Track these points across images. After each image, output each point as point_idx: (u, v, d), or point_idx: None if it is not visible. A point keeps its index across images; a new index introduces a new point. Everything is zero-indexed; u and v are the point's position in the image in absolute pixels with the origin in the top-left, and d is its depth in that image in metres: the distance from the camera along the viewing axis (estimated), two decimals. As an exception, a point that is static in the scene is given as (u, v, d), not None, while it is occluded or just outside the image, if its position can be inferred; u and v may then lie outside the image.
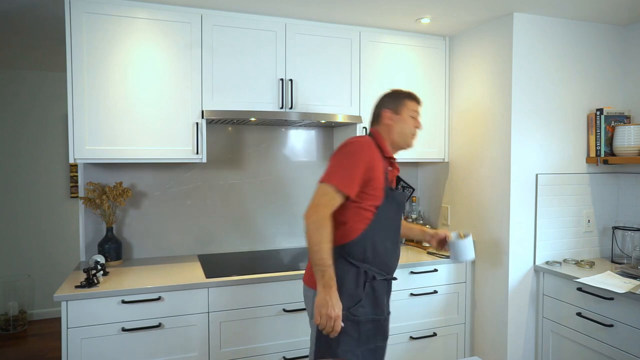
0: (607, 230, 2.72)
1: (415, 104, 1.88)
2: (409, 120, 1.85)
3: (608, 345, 2.16)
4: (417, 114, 1.88)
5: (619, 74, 2.73)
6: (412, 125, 1.86)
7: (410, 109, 1.86)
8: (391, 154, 1.84)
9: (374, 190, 1.71)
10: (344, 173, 1.66)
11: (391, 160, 1.85)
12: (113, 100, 2.28)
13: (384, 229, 1.76)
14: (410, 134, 1.86)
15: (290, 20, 2.56)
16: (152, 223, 2.70)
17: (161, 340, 2.14)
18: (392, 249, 1.79)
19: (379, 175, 1.72)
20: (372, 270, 1.73)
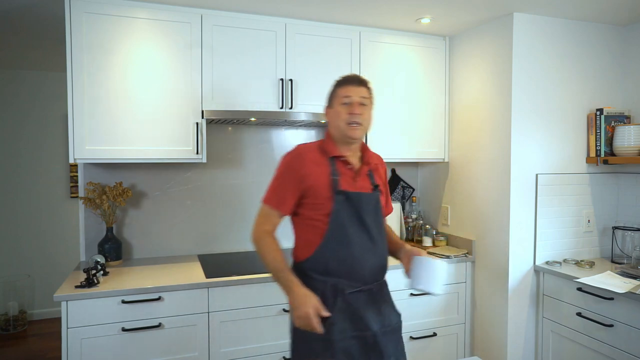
0: (607, 230, 2.72)
1: (347, 88, 1.63)
2: (341, 109, 1.62)
3: (608, 345, 2.16)
4: (350, 98, 1.61)
5: (619, 74, 2.73)
6: (345, 114, 1.61)
7: (341, 96, 1.64)
8: (338, 152, 1.64)
9: (316, 199, 1.59)
10: (275, 191, 1.63)
11: (342, 159, 1.65)
12: (113, 100, 2.28)
13: (346, 237, 1.58)
14: (345, 124, 1.61)
15: (290, 20, 2.56)
16: (152, 223, 2.70)
17: (161, 340, 2.14)
18: (362, 256, 1.60)
19: (318, 182, 1.59)
20: (341, 283, 1.57)
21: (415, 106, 2.87)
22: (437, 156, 2.96)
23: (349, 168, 1.65)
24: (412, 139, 2.87)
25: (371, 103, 1.68)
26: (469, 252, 2.77)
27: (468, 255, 2.76)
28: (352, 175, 1.65)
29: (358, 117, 1.61)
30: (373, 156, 1.77)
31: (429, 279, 1.56)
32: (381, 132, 2.77)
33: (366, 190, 1.65)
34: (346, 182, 1.62)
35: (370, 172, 1.71)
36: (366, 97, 1.64)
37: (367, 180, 1.68)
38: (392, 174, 3.24)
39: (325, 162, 1.63)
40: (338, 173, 1.63)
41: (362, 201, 1.62)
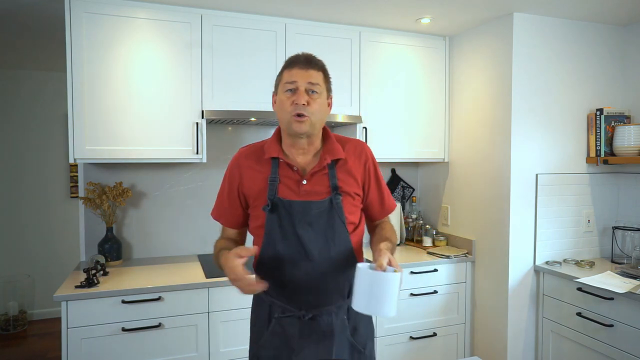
0: (607, 230, 2.72)
1: (291, 72, 1.33)
2: (284, 97, 1.33)
3: (608, 345, 2.16)
4: (295, 84, 1.31)
5: (619, 74, 2.73)
6: (288, 104, 1.31)
7: (285, 81, 1.33)
8: (276, 152, 1.38)
9: (253, 209, 1.40)
10: (217, 201, 1.49)
11: (282, 160, 1.38)
12: (113, 100, 2.28)
13: (275, 253, 1.35)
14: (288, 114, 1.31)
15: (290, 20, 2.56)
16: (152, 223, 2.70)
17: (161, 340, 2.14)
18: (295, 277, 1.34)
19: (254, 190, 1.38)
20: (276, 305, 1.38)
21: (415, 106, 2.87)
22: (437, 156, 2.96)
23: (294, 170, 1.37)
24: (412, 139, 2.87)
25: (325, 90, 1.37)
26: (469, 252, 2.77)
27: (468, 255, 2.76)
28: (296, 179, 1.36)
29: (303, 107, 1.30)
30: (337, 148, 1.40)
31: (373, 297, 1.12)
32: (381, 132, 2.77)
33: (315, 196, 1.35)
34: (287, 187, 1.35)
35: (332, 170, 1.37)
36: (316, 82, 1.32)
37: (322, 181, 1.36)
38: (392, 174, 3.24)
39: (265, 165, 1.39)
40: (278, 177, 1.36)
41: (302, 211, 1.33)
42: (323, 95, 1.36)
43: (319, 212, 1.34)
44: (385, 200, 1.50)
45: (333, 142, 1.41)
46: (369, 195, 1.45)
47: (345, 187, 1.38)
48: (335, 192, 1.35)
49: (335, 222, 1.35)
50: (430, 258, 2.70)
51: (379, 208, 1.49)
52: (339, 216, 1.35)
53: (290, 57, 1.38)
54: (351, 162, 1.41)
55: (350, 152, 1.43)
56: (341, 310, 1.39)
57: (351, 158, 1.42)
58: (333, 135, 1.45)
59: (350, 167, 1.40)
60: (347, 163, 1.40)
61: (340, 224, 1.35)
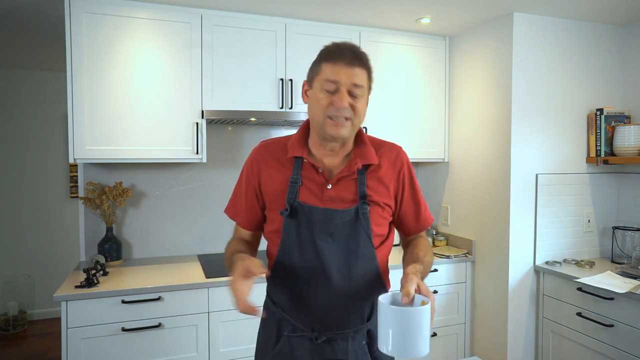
0: (607, 230, 2.72)
1: (335, 67, 1.14)
2: (322, 95, 1.15)
3: (608, 345, 2.16)
4: (337, 84, 1.13)
5: (619, 74, 2.73)
6: (326, 103, 1.14)
7: (325, 77, 1.15)
8: (301, 151, 1.23)
9: (269, 211, 1.26)
10: (232, 198, 1.36)
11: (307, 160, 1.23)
12: (113, 100, 2.28)
13: (290, 266, 1.21)
14: (324, 116, 1.15)
15: (290, 20, 2.56)
16: (152, 223, 2.70)
17: (161, 340, 2.13)
18: (310, 295, 1.19)
19: (273, 190, 1.24)
20: (285, 321, 1.25)
21: (416, 106, 2.87)
22: (437, 156, 2.96)
23: (319, 172, 1.22)
24: (412, 139, 2.87)
25: (368, 90, 1.20)
26: (469, 252, 2.77)
27: (468, 255, 2.76)
28: (321, 182, 1.21)
29: (346, 110, 1.14)
30: (370, 152, 1.24)
31: (399, 337, 0.97)
32: (381, 132, 2.77)
33: (340, 203, 1.19)
34: (309, 191, 1.20)
35: (361, 176, 1.21)
36: (361, 84, 1.15)
37: (349, 187, 1.21)
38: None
39: (287, 164, 1.24)
40: (300, 179, 1.21)
41: (324, 219, 1.18)
42: (366, 95, 1.19)
43: (342, 222, 1.18)
44: (422, 214, 1.32)
45: (367, 145, 1.25)
46: (402, 207, 1.29)
47: (375, 196, 1.21)
48: (362, 201, 1.19)
49: (360, 235, 1.19)
50: (430, 258, 2.70)
51: (413, 222, 1.32)
52: (364, 229, 1.19)
53: (333, 48, 1.17)
54: (384, 168, 1.25)
55: (384, 157, 1.26)
56: (359, 334, 1.23)
57: (385, 164, 1.25)
58: (367, 136, 1.29)
59: (382, 174, 1.24)
60: (379, 169, 1.24)
61: (366, 238, 1.19)
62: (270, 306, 1.31)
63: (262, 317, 1.29)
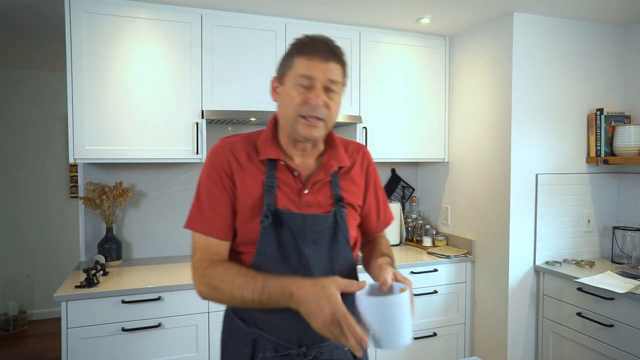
0: (607, 230, 2.72)
1: (309, 62, 1.06)
2: (294, 92, 1.08)
3: (608, 345, 2.16)
4: (312, 80, 1.06)
5: (619, 74, 2.73)
6: (299, 101, 1.07)
7: (298, 72, 1.07)
8: (276, 153, 1.13)
9: (243, 221, 1.11)
10: (199, 209, 1.13)
11: (283, 162, 1.14)
12: (113, 100, 2.28)
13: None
14: (297, 115, 1.07)
15: (290, 20, 2.56)
16: (152, 223, 2.70)
17: (161, 340, 2.13)
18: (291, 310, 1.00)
19: (245, 194, 1.11)
20: (263, 340, 1.12)
21: (416, 106, 2.87)
22: (437, 156, 2.96)
23: (295, 176, 1.14)
24: (412, 139, 2.87)
25: (343, 86, 1.12)
26: (469, 252, 2.77)
27: (468, 255, 2.76)
28: (297, 188, 1.14)
29: (320, 109, 1.06)
30: (342, 153, 1.20)
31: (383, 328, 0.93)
32: (381, 132, 2.77)
33: (318, 208, 1.13)
34: (286, 196, 1.12)
35: (335, 178, 1.17)
36: (337, 80, 1.08)
37: (325, 191, 1.16)
38: (392, 174, 3.24)
39: (259, 166, 1.13)
40: (275, 183, 1.12)
41: (308, 226, 1.11)
42: (340, 92, 1.12)
43: (324, 227, 1.13)
44: (384, 212, 1.30)
45: (338, 145, 1.20)
46: (366, 205, 1.25)
47: (350, 199, 1.18)
48: (339, 205, 1.15)
49: (339, 240, 1.15)
50: (430, 258, 2.70)
51: (375, 221, 1.29)
52: (342, 232, 1.15)
53: (306, 40, 1.09)
54: (355, 169, 1.22)
55: (352, 156, 1.23)
56: (342, 350, 1.17)
57: (354, 164, 1.22)
58: (336, 136, 1.23)
59: (353, 174, 1.21)
60: (351, 170, 1.21)
61: (344, 241, 1.15)
62: (239, 326, 1.16)
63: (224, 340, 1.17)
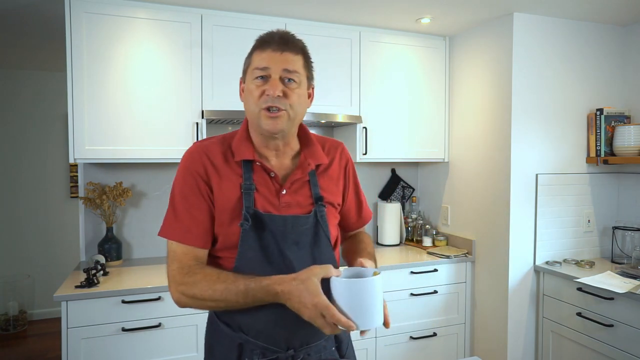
0: (607, 230, 2.72)
1: (263, 54, 1.08)
2: (252, 86, 1.09)
3: (608, 345, 2.16)
4: (267, 70, 1.07)
5: (619, 74, 2.73)
6: (256, 95, 1.07)
7: (254, 65, 1.09)
8: (251, 153, 1.12)
9: (222, 225, 1.10)
10: (174, 216, 1.11)
11: (259, 163, 1.12)
12: (113, 100, 2.28)
13: None
14: (257, 107, 1.07)
15: (290, 20, 2.56)
16: (152, 223, 2.70)
17: (161, 340, 2.13)
18: (279, 310, 1.02)
19: (222, 198, 1.10)
20: (249, 344, 1.11)
21: (416, 106, 2.87)
22: (437, 156, 2.96)
23: (271, 176, 1.13)
24: (412, 139, 2.87)
25: (305, 78, 1.11)
26: (469, 252, 2.77)
27: (468, 255, 2.76)
28: (275, 188, 1.13)
29: (277, 100, 1.05)
30: (319, 151, 1.19)
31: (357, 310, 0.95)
32: (381, 132, 2.77)
33: (298, 208, 1.13)
34: (264, 198, 1.11)
35: (313, 177, 1.16)
36: (293, 70, 1.07)
37: (304, 191, 1.15)
38: (392, 174, 3.24)
39: (235, 168, 1.12)
40: (253, 185, 1.10)
41: (290, 228, 1.10)
42: (303, 84, 1.10)
43: (305, 228, 1.12)
44: (364, 209, 1.32)
45: (314, 143, 1.20)
46: (346, 202, 1.25)
47: (329, 197, 1.17)
48: (319, 204, 1.14)
49: (321, 239, 1.14)
50: (430, 258, 2.70)
51: (355, 218, 1.31)
52: (324, 232, 1.14)
53: (263, 36, 1.10)
54: (333, 166, 1.21)
55: (330, 154, 1.22)
56: (329, 342, 1.18)
57: (332, 161, 1.21)
58: (312, 134, 1.23)
59: (332, 172, 1.20)
60: (329, 168, 1.20)
61: (326, 241, 1.15)
62: (224, 331, 1.15)
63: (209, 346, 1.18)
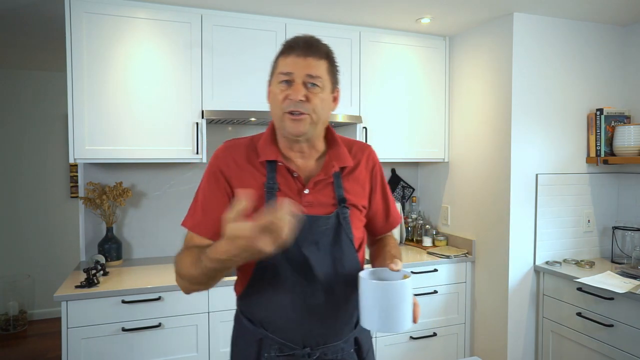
0: (607, 230, 2.72)
1: (287, 59, 1.09)
2: (277, 89, 1.10)
3: (608, 345, 2.16)
4: (291, 75, 1.08)
5: (619, 74, 2.73)
6: (280, 99, 1.09)
7: (279, 70, 1.10)
8: (275, 154, 1.14)
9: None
10: (193, 207, 1.17)
11: (281, 164, 1.14)
12: (113, 100, 2.28)
13: (275, 278, 1.12)
14: (281, 110, 1.09)
15: (290, 20, 2.56)
16: (152, 223, 2.70)
17: (161, 340, 2.14)
18: (296, 308, 1.11)
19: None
20: (268, 340, 1.14)
21: (416, 106, 2.87)
22: (437, 156, 2.96)
23: (294, 176, 1.15)
24: (412, 139, 2.87)
25: (329, 82, 1.12)
26: (469, 252, 2.77)
27: (468, 255, 2.76)
28: (298, 188, 1.14)
29: (300, 104, 1.07)
30: (345, 153, 1.20)
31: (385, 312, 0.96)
32: (381, 132, 2.77)
33: (320, 208, 1.14)
34: (286, 198, 1.11)
35: (337, 179, 1.17)
36: (317, 75, 1.08)
37: (327, 192, 1.16)
38: (392, 174, 3.24)
39: (259, 168, 1.15)
40: (276, 185, 1.13)
41: (308, 228, 1.10)
42: (326, 88, 1.11)
43: (325, 228, 1.13)
44: (391, 213, 1.32)
45: (340, 146, 1.20)
46: (372, 206, 1.26)
47: (353, 199, 1.18)
48: (342, 205, 1.15)
49: (343, 241, 1.15)
50: (430, 258, 2.70)
51: (383, 222, 1.31)
52: (346, 233, 1.15)
53: (288, 41, 1.12)
54: (359, 168, 1.22)
55: (357, 156, 1.23)
56: (348, 343, 1.19)
57: (359, 164, 1.22)
58: (339, 137, 1.24)
59: (357, 174, 1.21)
60: (355, 170, 1.21)
61: (348, 243, 1.16)
62: (246, 326, 1.19)
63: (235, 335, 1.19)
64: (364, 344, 1.24)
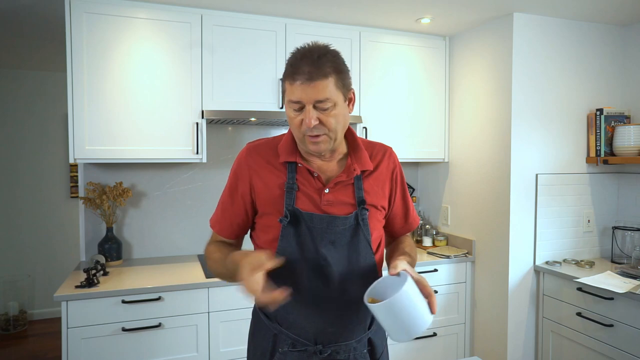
0: (607, 230, 2.72)
1: (293, 86, 1.08)
2: (292, 114, 1.12)
3: (608, 345, 2.16)
4: (300, 104, 1.09)
5: (619, 74, 2.73)
6: (296, 124, 1.11)
7: (287, 98, 1.11)
8: (294, 156, 1.18)
9: (263, 217, 1.19)
10: (218, 207, 1.29)
11: (301, 165, 1.17)
12: (113, 100, 2.28)
13: (292, 276, 1.14)
14: (301, 135, 1.12)
15: (290, 20, 2.56)
16: (152, 223, 2.70)
17: (161, 340, 2.14)
18: (311, 305, 1.15)
19: (267, 194, 1.17)
20: (283, 336, 1.18)
21: (416, 106, 2.87)
22: (437, 156, 2.96)
23: (315, 177, 1.17)
24: (412, 139, 2.87)
25: (340, 95, 1.11)
26: (469, 252, 2.77)
27: (468, 255, 2.76)
28: (317, 188, 1.17)
29: (315, 128, 1.09)
30: (366, 157, 1.22)
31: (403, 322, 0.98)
32: (381, 132, 2.77)
33: (340, 206, 1.16)
34: (306, 197, 1.16)
35: (358, 181, 1.19)
36: (325, 98, 1.07)
37: (347, 192, 1.18)
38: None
39: (280, 168, 1.19)
40: (296, 185, 1.16)
41: (326, 227, 1.14)
42: (339, 102, 1.10)
43: (343, 229, 1.15)
44: (410, 215, 1.33)
45: (361, 149, 1.22)
46: (392, 207, 1.28)
47: (372, 200, 1.20)
48: (361, 206, 1.17)
49: (360, 241, 1.17)
50: (430, 258, 2.70)
51: (401, 223, 1.33)
52: (364, 234, 1.17)
53: (292, 61, 1.10)
54: (379, 170, 1.24)
55: (377, 158, 1.25)
56: (361, 344, 1.20)
57: (379, 166, 1.24)
58: (360, 139, 1.26)
59: (377, 175, 1.23)
60: (375, 171, 1.22)
61: (365, 243, 1.17)
62: (263, 321, 1.23)
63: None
64: (378, 345, 1.25)
